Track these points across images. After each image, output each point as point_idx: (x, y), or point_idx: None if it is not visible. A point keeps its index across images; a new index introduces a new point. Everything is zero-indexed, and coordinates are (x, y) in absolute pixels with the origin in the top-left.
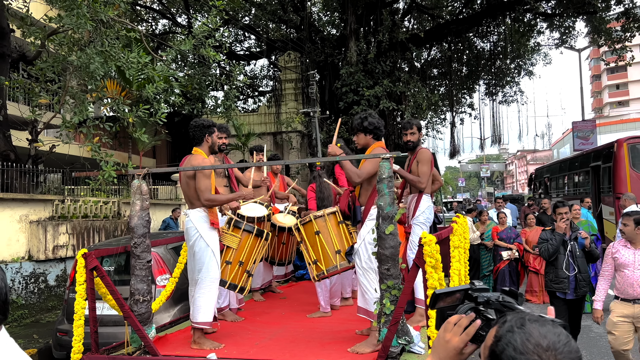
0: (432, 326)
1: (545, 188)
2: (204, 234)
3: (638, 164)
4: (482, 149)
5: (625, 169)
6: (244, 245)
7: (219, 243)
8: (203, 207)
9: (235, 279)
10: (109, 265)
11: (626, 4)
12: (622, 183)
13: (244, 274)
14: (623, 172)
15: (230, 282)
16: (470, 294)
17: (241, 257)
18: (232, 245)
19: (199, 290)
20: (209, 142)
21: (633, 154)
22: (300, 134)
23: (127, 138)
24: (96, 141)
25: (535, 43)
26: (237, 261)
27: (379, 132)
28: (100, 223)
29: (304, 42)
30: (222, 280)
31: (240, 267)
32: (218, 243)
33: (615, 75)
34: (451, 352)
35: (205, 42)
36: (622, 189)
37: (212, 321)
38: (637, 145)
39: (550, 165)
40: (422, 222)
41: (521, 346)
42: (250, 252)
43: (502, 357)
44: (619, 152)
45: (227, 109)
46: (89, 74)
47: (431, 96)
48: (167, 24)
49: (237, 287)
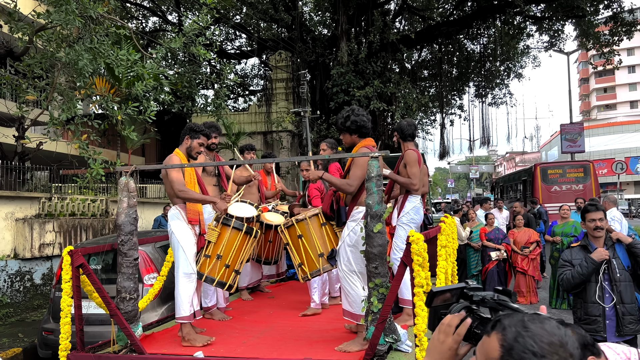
0: (420, 324)
1: (500, 193)
2: (176, 230)
3: (545, 180)
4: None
5: (539, 183)
6: (228, 240)
7: (193, 239)
8: (177, 205)
9: (213, 272)
10: (96, 264)
11: (614, 8)
12: (537, 191)
13: (223, 268)
14: (537, 185)
15: (207, 276)
16: (466, 293)
17: (220, 250)
18: (211, 239)
19: (176, 286)
20: (187, 143)
21: (543, 174)
22: (290, 134)
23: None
24: (84, 139)
25: (525, 46)
26: (215, 255)
27: (364, 129)
28: (88, 221)
29: (295, 41)
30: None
31: (219, 260)
32: (191, 239)
33: (603, 79)
34: (445, 353)
35: (196, 40)
36: (536, 195)
37: (188, 315)
38: (545, 168)
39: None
40: (404, 224)
41: (539, 350)
42: (239, 250)
43: None
44: (535, 172)
45: (217, 108)
46: (77, 71)
47: (421, 97)
48: (157, 22)
49: (214, 281)
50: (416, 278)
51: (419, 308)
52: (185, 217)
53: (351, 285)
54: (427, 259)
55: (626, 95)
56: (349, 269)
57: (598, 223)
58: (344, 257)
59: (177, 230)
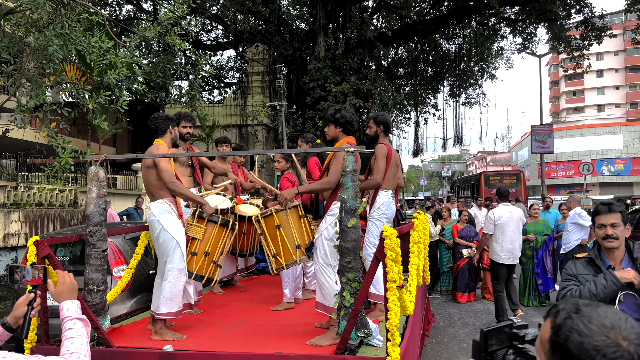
0: (392, 319)
1: (457, 192)
2: (167, 226)
3: (487, 184)
4: (444, 149)
5: (482, 186)
6: (210, 236)
7: (184, 234)
8: (165, 199)
9: (202, 269)
10: (64, 255)
11: (585, 13)
12: (481, 192)
13: (210, 264)
14: (482, 187)
15: (196, 273)
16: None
17: (207, 247)
18: (197, 237)
19: (165, 281)
20: (172, 134)
21: (486, 179)
22: (266, 128)
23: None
24: (53, 127)
25: (499, 47)
26: (202, 252)
27: (350, 127)
28: (56, 211)
29: (272, 35)
30: (189, 271)
31: (207, 257)
32: (183, 234)
33: (573, 82)
34: None
35: (171, 30)
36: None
37: (177, 312)
38: (487, 175)
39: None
40: (375, 219)
41: (585, 329)
42: (216, 243)
43: (568, 345)
44: (480, 178)
45: (191, 99)
46: (47, 57)
47: (397, 95)
48: (131, 10)
49: (203, 278)
50: (389, 273)
51: (392, 303)
52: (176, 211)
53: (327, 278)
54: (400, 254)
55: (594, 98)
56: (325, 262)
57: (609, 230)
58: (321, 250)
59: (170, 225)
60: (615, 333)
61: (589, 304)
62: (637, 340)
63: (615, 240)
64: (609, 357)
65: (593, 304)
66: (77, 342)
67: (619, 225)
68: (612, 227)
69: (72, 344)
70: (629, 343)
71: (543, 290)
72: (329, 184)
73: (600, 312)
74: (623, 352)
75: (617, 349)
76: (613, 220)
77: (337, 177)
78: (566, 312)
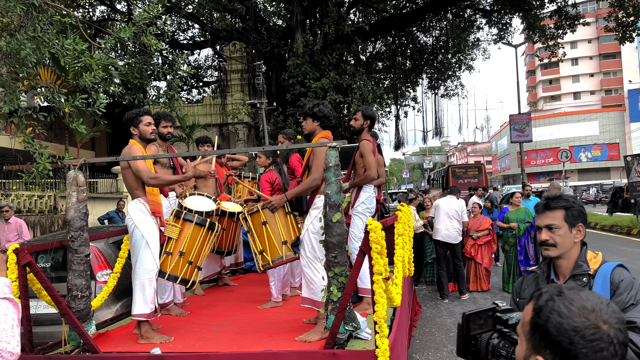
0: (379, 312)
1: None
2: (139, 224)
3: (454, 176)
4: (424, 142)
5: (450, 178)
6: (185, 236)
7: (157, 233)
8: (140, 198)
9: (177, 270)
10: (45, 262)
11: (559, 2)
12: (450, 183)
13: (186, 265)
14: (450, 179)
15: (170, 273)
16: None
17: (182, 247)
18: (172, 236)
19: (135, 281)
20: (135, 132)
21: (453, 172)
22: (247, 126)
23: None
24: (29, 132)
25: (475, 38)
26: (177, 252)
27: (327, 121)
28: (35, 218)
29: (249, 32)
30: (162, 271)
31: (182, 257)
32: (156, 233)
33: (549, 71)
34: None
35: (147, 30)
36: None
37: (150, 313)
38: (454, 168)
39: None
40: (360, 213)
41: (566, 311)
42: (192, 243)
43: (547, 325)
44: (449, 171)
45: (170, 100)
46: (19, 61)
47: (376, 89)
48: (105, 11)
49: (178, 279)
50: (375, 266)
51: (379, 295)
52: (149, 209)
53: (314, 272)
54: (385, 247)
55: (570, 86)
56: (314, 255)
57: (544, 235)
58: (308, 245)
59: (141, 224)
60: (595, 316)
61: (572, 288)
62: (617, 324)
63: (551, 247)
64: (587, 338)
65: (576, 287)
66: None
67: (559, 227)
68: (548, 229)
69: None
70: (609, 327)
71: None
72: (314, 181)
73: (582, 295)
74: (602, 334)
75: (596, 330)
76: (549, 221)
77: (320, 173)
78: (548, 295)
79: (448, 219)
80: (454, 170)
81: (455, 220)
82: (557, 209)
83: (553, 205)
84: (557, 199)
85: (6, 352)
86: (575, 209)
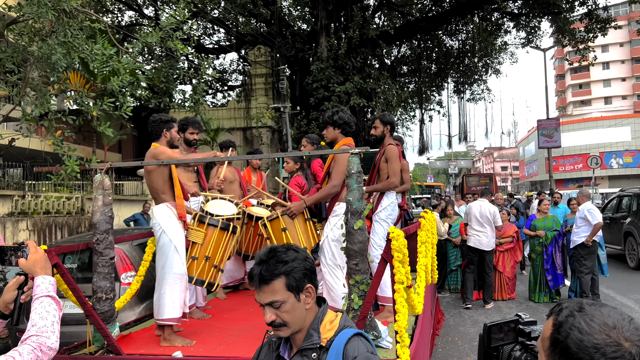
0: (400, 321)
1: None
2: (167, 229)
3: (468, 184)
4: (450, 146)
5: (465, 185)
6: (210, 240)
7: (184, 238)
8: (167, 203)
9: (203, 274)
10: (72, 263)
11: (589, 5)
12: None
13: (211, 269)
14: (465, 186)
15: (197, 278)
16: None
17: (207, 252)
18: (197, 241)
19: (164, 286)
20: (167, 137)
21: (467, 180)
22: (270, 130)
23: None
24: (58, 135)
25: (503, 42)
26: (203, 256)
27: (348, 127)
28: (63, 219)
29: (274, 36)
30: (189, 276)
31: (207, 262)
32: (183, 238)
33: (578, 75)
34: None
35: (173, 35)
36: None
37: (179, 317)
38: (468, 177)
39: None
40: (382, 219)
41: (587, 327)
42: (217, 247)
43: (568, 342)
44: (464, 179)
45: (195, 103)
46: (50, 66)
47: (401, 93)
48: (133, 16)
49: (204, 283)
50: (396, 274)
51: (400, 304)
52: (176, 213)
53: (335, 279)
54: (407, 255)
55: (601, 91)
56: (334, 263)
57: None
58: (328, 252)
59: (169, 228)
60: (617, 333)
61: (593, 303)
62: (639, 342)
63: (283, 327)
64: (609, 356)
65: (597, 303)
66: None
67: (284, 301)
68: (272, 307)
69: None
70: (631, 344)
71: (553, 286)
72: (334, 188)
73: (603, 311)
74: (624, 352)
75: (617, 348)
76: (269, 297)
77: (340, 180)
78: (569, 310)
79: (479, 224)
80: (467, 179)
81: (487, 225)
82: (274, 280)
83: (268, 277)
84: (272, 263)
85: (45, 347)
86: (297, 269)
